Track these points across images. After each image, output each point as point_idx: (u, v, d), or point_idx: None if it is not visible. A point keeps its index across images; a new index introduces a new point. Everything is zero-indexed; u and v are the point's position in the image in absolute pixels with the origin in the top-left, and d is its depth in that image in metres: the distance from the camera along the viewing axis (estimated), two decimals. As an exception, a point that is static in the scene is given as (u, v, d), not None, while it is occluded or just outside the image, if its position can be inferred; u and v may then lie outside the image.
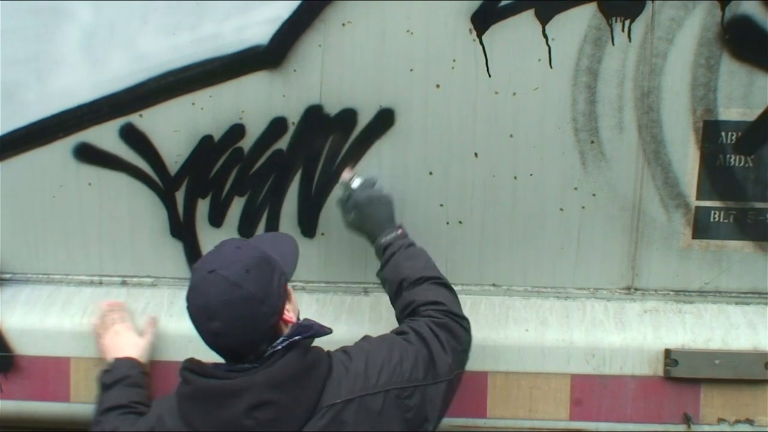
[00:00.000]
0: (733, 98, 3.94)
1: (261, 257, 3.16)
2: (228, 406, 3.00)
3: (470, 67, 3.92)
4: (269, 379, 3.01)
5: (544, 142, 4.01)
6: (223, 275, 3.03)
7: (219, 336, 3.04)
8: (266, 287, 3.07)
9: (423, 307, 3.51)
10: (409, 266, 3.70)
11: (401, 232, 3.86)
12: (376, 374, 3.15)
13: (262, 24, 3.90)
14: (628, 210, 4.07)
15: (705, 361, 4.00)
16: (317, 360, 3.14)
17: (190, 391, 3.12)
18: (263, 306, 3.04)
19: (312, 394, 3.06)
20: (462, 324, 3.50)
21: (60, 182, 4.17)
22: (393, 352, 3.24)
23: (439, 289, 3.62)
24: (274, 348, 3.07)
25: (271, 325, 3.08)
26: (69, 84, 4.02)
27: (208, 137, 4.07)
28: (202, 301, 3.05)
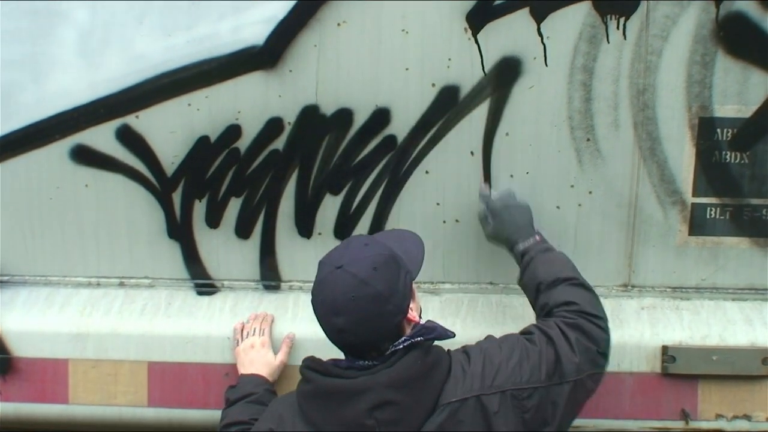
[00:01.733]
0: (729, 95, 3.93)
1: (389, 255, 3.15)
2: (350, 405, 3.01)
3: (466, 65, 3.94)
4: (391, 379, 3.01)
5: (540, 140, 4.01)
6: (351, 272, 3.04)
7: (343, 332, 3.04)
8: (393, 285, 3.07)
9: (556, 309, 3.49)
10: (545, 270, 3.68)
11: (539, 238, 3.85)
12: (492, 374, 3.13)
13: (257, 24, 3.91)
14: (624, 207, 4.07)
15: (702, 357, 4.01)
16: (438, 360, 3.13)
17: (312, 390, 3.13)
18: (389, 304, 3.04)
19: (432, 394, 3.06)
20: (597, 323, 3.44)
21: (57, 184, 4.18)
22: (513, 353, 3.21)
23: (574, 289, 3.58)
24: (396, 347, 3.07)
25: (395, 324, 3.07)
26: (65, 85, 4.03)
27: (204, 138, 4.08)
28: (329, 296, 3.06)
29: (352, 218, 4.16)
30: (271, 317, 4.13)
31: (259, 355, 3.95)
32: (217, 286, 4.31)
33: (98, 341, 4.15)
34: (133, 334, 4.17)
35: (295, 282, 4.27)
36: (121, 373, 4.15)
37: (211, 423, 3.97)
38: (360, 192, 4.13)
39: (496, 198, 3.98)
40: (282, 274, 4.28)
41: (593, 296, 3.58)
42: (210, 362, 4.12)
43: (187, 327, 4.16)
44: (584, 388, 3.30)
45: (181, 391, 4.15)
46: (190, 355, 4.12)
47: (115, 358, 4.15)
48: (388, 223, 4.16)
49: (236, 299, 4.26)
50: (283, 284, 4.29)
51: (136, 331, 4.17)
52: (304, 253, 4.21)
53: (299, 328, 4.09)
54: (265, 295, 4.29)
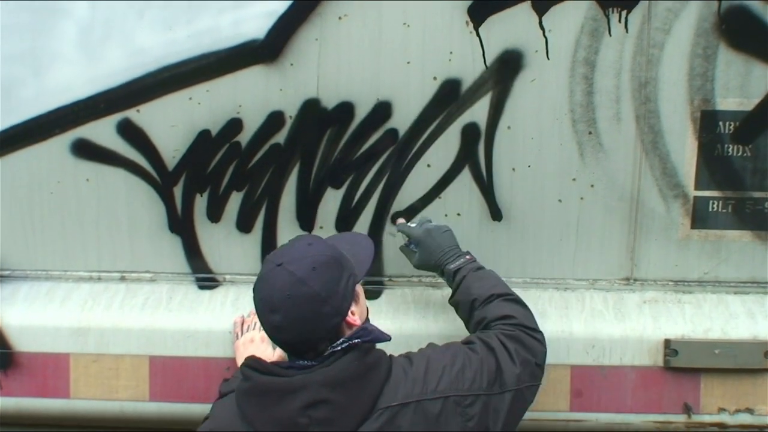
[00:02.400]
0: (731, 88, 3.93)
1: (332, 256, 3.15)
2: (284, 403, 3.01)
3: (467, 59, 3.93)
4: (326, 378, 3.01)
5: (542, 133, 4.01)
6: (289, 270, 3.05)
7: (279, 330, 3.05)
8: (332, 287, 3.07)
9: (494, 322, 3.50)
10: (479, 286, 3.70)
11: (470, 257, 3.86)
12: (435, 380, 3.13)
13: (258, 18, 3.91)
14: (626, 201, 4.07)
15: (705, 350, 4.00)
16: (377, 362, 3.13)
17: (249, 388, 3.13)
18: (326, 306, 3.03)
19: (369, 396, 3.05)
20: (535, 336, 3.46)
21: (57, 178, 4.17)
22: (456, 359, 3.22)
23: (510, 304, 3.60)
24: (334, 348, 3.07)
25: (333, 325, 3.07)
26: (66, 80, 4.03)
27: (205, 132, 4.08)
28: (267, 293, 3.08)
29: (353, 212, 4.16)
30: None
31: (258, 350, 3.92)
32: (218, 280, 4.31)
33: (99, 336, 4.15)
34: (134, 328, 4.16)
35: (295, 276, 4.24)
36: (122, 368, 4.15)
37: (212, 417, 3.97)
38: (361, 186, 4.13)
39: (415, 227, 3.98)
40: (282, 268, 4.25)
41: (528, 311, 3.63)
42: (211, 356, 4.12)
43: (188, 321, 4.15)
44: (523, 398, 3.32)
45: (182, 386, 4.15)
46: (192, 349, 4.11)
47: (116, 353, 4.14)
48: (389, 217, 4.17)
49: (238, 293, 4.25)
50: (284, 278, 4.26)
51: (138, 326, 4.16)
52: (306, 245, 4.20)
53: (301, 322, 4.08)
54: (266, 289, 4.27)
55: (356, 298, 3.22)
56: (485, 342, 3.33)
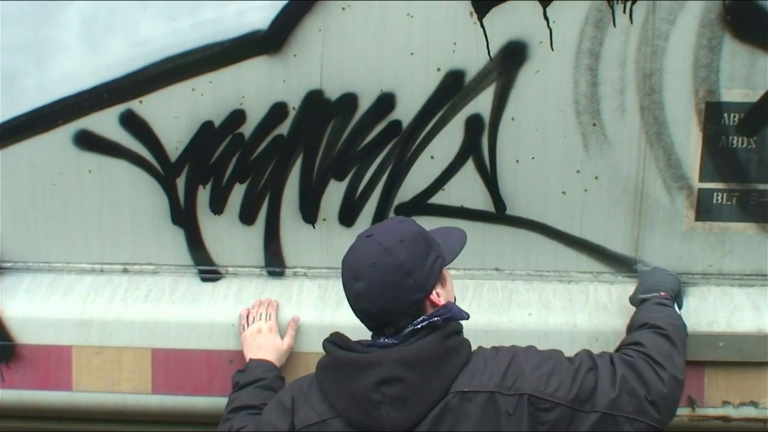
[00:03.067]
0: (735, 79, 3.92)
1: (420, 233, 3.19)
2: (359, 378, 3.04)
3: (471, 50, 3.92)
4: (403, 356, 3.03)
5: (546, 125, 4.00)
6: (377, 240, 3.11)
7: (361, 298, 3.09)
8: (417, 261, 3.09)
9: (628, 345, 3.45)
10: (645, 315, 3.70)
11: (665, 294, 3.84)
12: (514, 377, 3.09)
13: (261, 9, 3.91)
14: (630, 193, 4.06)
15: (709, 343, 3.99)
16: (457, 348, 3.13)
17: (328, 362, 3.18)
18: (409, 278, 3.05)
19: (444, 380, 3.06)
20: (656, 370, 3.28)
21: (60, 170, 4.17)
22: (546, 363, 3.16)
23: (654, 335, 3.51)
24: (414, 326, 3.08)
25: (415, 300, 3.08)
26: (69, 70, 4.03)
27: (208, 123, 4.07)
28: (353, 261, 3.14)
29: (356, 204, 4.16)
30: (276, 303, 4.13)
31: (267, 340, 3.95)
32: (221, 272, 4.30)
33: (102, 328, 4.15)
34: (136, 320, 4.17)
35: (299, 268, 4.26)
36: (125, 360, 4.15)
37: (215, 409, 3.95)
38: (365, 178, 4.13)
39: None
40: (286, 260, 4.27)
41: (672, 349, 3.45)
42: (214, 349, 4.12)
43: (191, 313, 4.15)
44: (615, 426, 3.14)
45: (185, 378, 4.15)
46: (194, 341, 4.11)
47: (118, 345, 4.14)
48: (393, 209, 4.16)
49: (240, 285, 4.26)
50: (287, 270, 4.27)
51: (140, 318, 4.17)
52: (309, 239, 4.20)
53: (304, 313, 4.10)
54: (269, 281, 4.28)
55: (443, 280, 3.23)
56: (593, 358, 3.25)
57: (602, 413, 3.11)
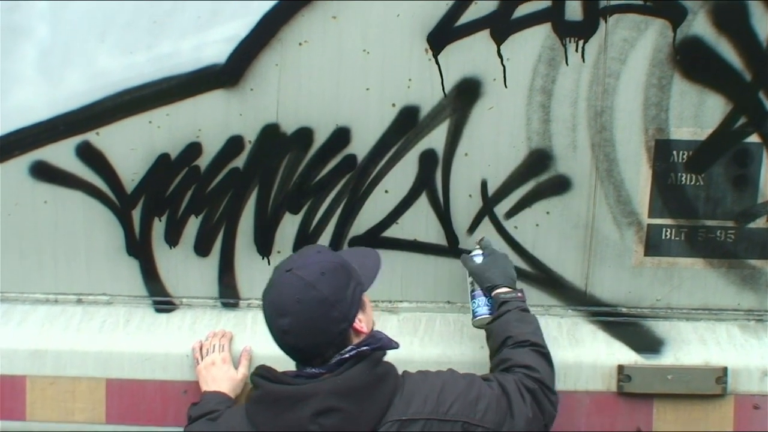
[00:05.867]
0: (684, 118, 3.99)
1: (340, 263, 3.22)
2: (295, 410, 3.06)
3: (426, 86, 3.97)
4: (336, 387, 3.07)
5: (499, 161, 4.05)
6: (299, 275, 3.12)
7: (287, 334, 3.11)
8: (340, 292, 3.13)
9: (518, 368, 3.51)
10: (519, 327, 3.71)
11: (521, 295, 3.87)
12: (449, 403, 3.17)
13: (219, 43, 3.92)
14: (581, 228, 4.12)
15: (658, 376, 4.05)
16: (386, 374, 3.19)
17: (260, 396, 3.19)
18: (334, 310, 3.09)
19: (378, 407, 3.11)
20: (551, 399, 3.49)
21: (15, 200, 4.15)
22: (471, 389, 3.26)
23: (539, 357, 3.61)
24: (342, 356, 3.12)
25: (340, 330, 3.12)
26: (25, 102, 4.01)
27: (164, 155, 4.08)
28: (276, 297, 3.15)
29: (311, 237, 4.18)
30: (229, 334, 4.13)
31: (221, 371, 3.96)
32: (175, 303, 4.30)
33: (56, 358, 4.12)
34: (91, 351, 4.14)
35: (253, 300, 4.26)
36: (79, 390, 4.12)
37: (169, 440, 3.97)
38: (319, 211, 4.15)
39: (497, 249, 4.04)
40: (241, 292, 4.28)
41: (553, 371, 3.64)
42: (168, 379, 4.11)
43: (145, 344, 4.14)
44: None
45: (139, 409, 4.13)
46: (149, 372, 4.10)
47: (73, 375, 4.12)
48: (347, 242, 4.18)
49: (195, 317, 4.26)
50: (241, 302, 4.29)
51: (95, 348, 4.14)
52: (263, 271, 4.20)
53: (258, 344, 4.07)
54: (223, 312, 4.28)
55: (363, 306, 3.28)
56: (502, 384, 3.36)
57: None
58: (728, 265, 4.17)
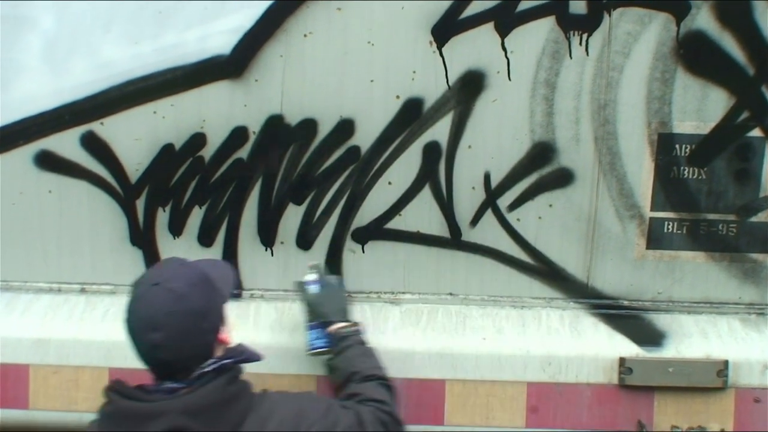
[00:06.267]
0: (687, 112, 4.01)
1: (205, 274, 3.17)
2: (143, 428, 2.97)
3: (430, 78, 3.98)
4: (186, 405, 2.99)
5: (502, 153, 4.07)
6: (168, 287, 3.04)
7: (158, 348, 3.01)
8: (209, 303, 3.10)
9: (369, 402, 3.52)
10: (363, 361, 3.76)
11: (358, 328, 3.90)
12: (306, 425, 3.15)
13: (224, 34, 3.94)
14: (583, 221, 4.13)
15: (659, 369, 4.07)
16: (239, 393, 3.14)
17: (111, 411, 3.10)
18: (205, 321, 3.06)
19: (228, 426, 3.05)
20: (399, 428, 3.53)
21: (20, 189, 4.17)
22: (329, 413, 3.25)
23: (386, 391, 3.65)
24: (203, 369, 3.07)
25: (208, 342, 3.09)
26: (30, 91, 4.03)
27: (169, 146, 4.09)
28: (145, 312, 3.04)
29: (314, 228, 4.19)
30: None
31: None
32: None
33: (59, 347, 4.13)
34: (94, 340, 4.15)
35: (256, 290, 4.28)
36: (82, 379, 4.14)
37: (171, 430, 3.97)
38: (323, 202, 4.16)
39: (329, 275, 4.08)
40: (244, 282, 4.28)
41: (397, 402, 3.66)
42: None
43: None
44: None
45: (141, 398, 4.14)
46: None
47: (76, 364, 4.13)
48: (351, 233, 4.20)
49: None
50: (244, 292, 4.28)
51: (98, 338, 4.15)
52: (266, 262, 4.23)
53: (260, 335, 4.08)
54: (226, 302, 4.28)
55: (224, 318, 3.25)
56: (358, 413, 3.36)
57: None
58: (730, 258, 4.19)
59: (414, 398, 4.07)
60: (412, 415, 4.00)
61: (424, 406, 4.09)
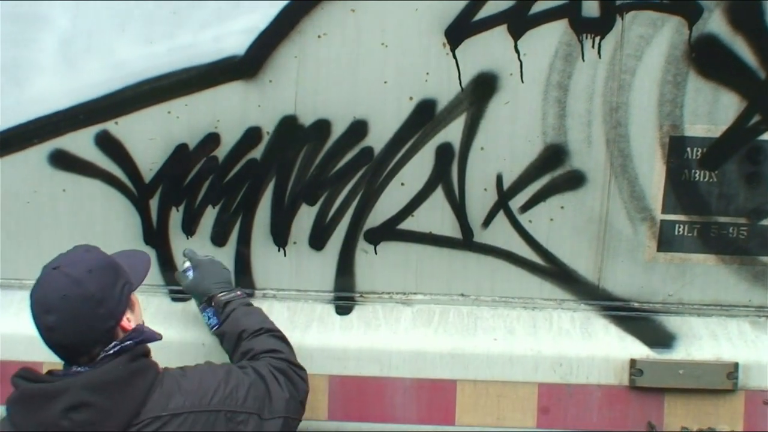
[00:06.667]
0: (699, 115, 4.02)
1: (107, 262, 3.24)
2: (48, 407, 3.03)
3: (443, 80, 4.00)
4: (88, 381, 3.05)
5: (514, 155, 4.08)
6: (65, 272, 3.13)
7: (53, 331, 3.10)
8: (107, 290, 3.14)
9: (262, 354, 3.60)
10: (248, 319, 3.80)
11: (240, 294, 3.95)
12: (210, 394, 3.21)
13: (238, 34, 3.95)
14: (595, 222, 4.15)
15: (669, 370, 4.08)
16: (142, 369, 3.18)
17: (17, 396, 3.15)
18: (100, 307, 3.10)
19: (132, 402, 3.10)
20: (299, 373, 3.59)
21: (34, 188, 4.19)
22: (230, 378, 3.32)
23: (277, 340, 3.72)
24: (107, 352, 3.12)
25: (107, 328, 3.13)
26: (46, 90, 4.04)
27: (182, 146, 4.11)
28: (41, 294, 3.15)
29: (326, 228, 4.21)
30: None
31: None
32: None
33: (73, 345, 4.14)
34: (108, 337, 4.16)
35: (269, 290, 4.30)
36: (95, 376, 4.14)
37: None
38: (336, 202, 4.18)
39: (201, 256, 4.08)
40: (256, 282, 4.30)
41: (291, 348, 3.77)
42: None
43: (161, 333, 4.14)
44: (289, 429, 3.43)
45: (154, 396, 4.15)
46: (165, 360, 4.11)
47: (92, 362, 4.15)
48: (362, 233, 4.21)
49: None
50: (257, 292, 4.30)
51: (111, 336, 4.16)
52: (279, 261, 4.25)
53: (273, 334, 4.10)
54: (239, 302, 4.30)
55: (132, 305, 3.31)
56: (256, 369, 3.44)
57: (284, 418, 3.38)
58: (740, 261, 4.20)
59: (425, 398, 4.10)
60: (423, 415, 4.04)
61: (435, 407, 4.11)
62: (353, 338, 4.14)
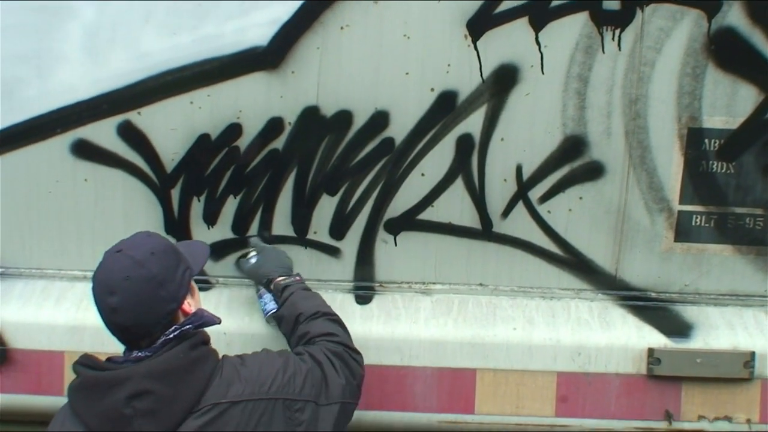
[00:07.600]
0: (717, 107, 4.06)
1: (169, 246, 3.25)
2: (110, 395, 3.03)
3: (464, 71, 4.02)
4: (150, 369, 3.05)
5: (534, 146, 4.11)
6: (128, 254, 3.13)
7: (116, 312, 3.08)
8: (168, 273, 3.14)
9: (318, 338, 3.61)
10: (306, 303, 3.82)
11: (300, 278, 4.00)
12: (268, 383, 3.21)
13: (261, 26, 3.97)
14: (613, 213, 4.18)
15: (687, 360, 4.12)
16: (203, 357, 3.19)
17: (79, 383, 3.15)
18: (162, 289, 3.10)
19: (194, 390, 3.11)
20: (355, 357, 3.60)
21: (56, 177, 4.21)
22: (288, 366, 3.32)
23: (333, 324, 3.73)
24: (167, 336, 3.12)
25: (168, 311, 3.13)
26: (69, 81, 4.07)
27: (205, 136, 4.13)
28: (105, 276, 3.14)
29: (347, 218, 4.24)
30: None
31: None
32: (212, 282, 4.36)
33: (94, 334, 4.10)
34: (128, 327, 4.17)
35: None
36: (116, 366, 4.16)
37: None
38: (356, 193, 4.21)
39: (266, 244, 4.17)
40: (277, 272, 4.32)
41: (348, 333, 3.77)
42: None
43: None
44: (345, 413, 3.44)
45: (174, 384, 4.17)
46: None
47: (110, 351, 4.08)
48: (383, 223, 4.24)
49: (231, 296, 4.31)
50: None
51: (131, 325, 4.18)
52: (299, 251, 4.27)
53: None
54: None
55: (192, 291, 3.32)
56: (312, 354, 3.45)
57: (341, 403, 3.38)
58: (756, 252, 4.24)
59: (445, 387, 4.14)
60: (443, 404, 4.07)
61: (455, 395, 4.15)
62: (373, 328, 4.17)
